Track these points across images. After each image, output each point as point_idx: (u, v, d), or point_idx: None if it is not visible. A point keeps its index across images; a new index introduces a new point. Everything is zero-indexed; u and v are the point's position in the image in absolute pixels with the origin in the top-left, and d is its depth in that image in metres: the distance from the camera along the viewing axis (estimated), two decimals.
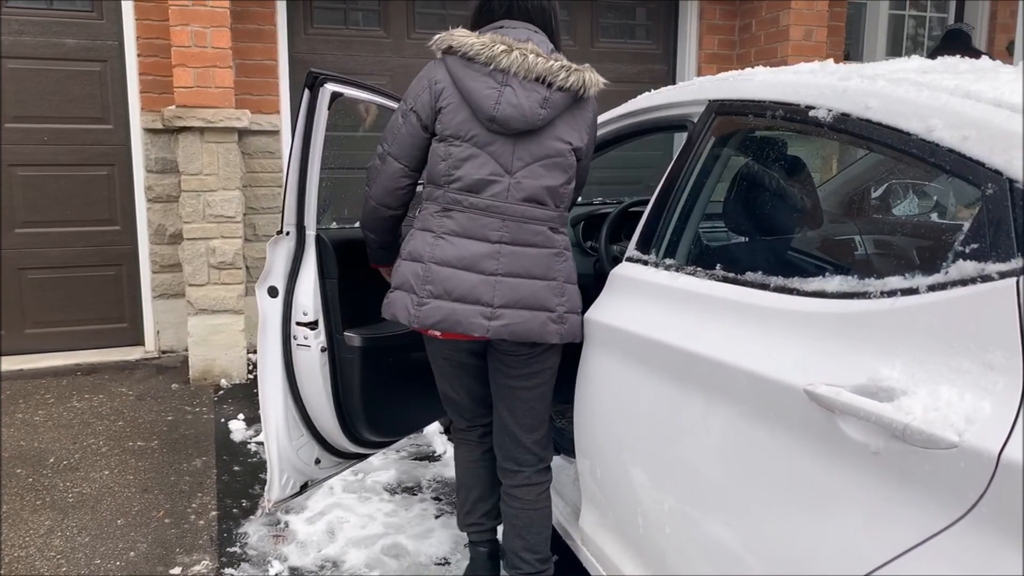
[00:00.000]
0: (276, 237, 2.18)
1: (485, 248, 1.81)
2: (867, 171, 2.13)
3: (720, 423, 1.44)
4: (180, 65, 4.09)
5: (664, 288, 1.73)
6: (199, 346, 4.31)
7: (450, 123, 1.82)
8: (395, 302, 1.87)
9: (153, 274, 4.72)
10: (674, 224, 1.86)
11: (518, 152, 1.83)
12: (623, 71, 5.47)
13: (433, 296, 1.81)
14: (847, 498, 1.16)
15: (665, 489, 1.61)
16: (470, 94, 1.80)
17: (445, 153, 1.83)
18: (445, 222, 1.83)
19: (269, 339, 2.20)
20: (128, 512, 2.82)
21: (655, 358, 1.65)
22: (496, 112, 1.78)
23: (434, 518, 2.81)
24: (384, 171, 1.91)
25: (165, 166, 4.59)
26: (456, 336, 1.89)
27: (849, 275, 1.31)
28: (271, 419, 2.22)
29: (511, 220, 1.82)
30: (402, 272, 1.87)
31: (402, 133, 1.88)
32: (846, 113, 1.43)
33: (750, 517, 1.36)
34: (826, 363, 1.25)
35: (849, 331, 1.24)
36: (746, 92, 1.74)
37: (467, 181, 1.82)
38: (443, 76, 1.84)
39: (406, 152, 1.88)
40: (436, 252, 1.82)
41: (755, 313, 1.44)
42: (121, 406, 3.92)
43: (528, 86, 1.80)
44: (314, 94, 2.06)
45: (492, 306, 1.80)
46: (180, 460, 3.28)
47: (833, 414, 1.18)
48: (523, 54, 1.79)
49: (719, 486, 1.44)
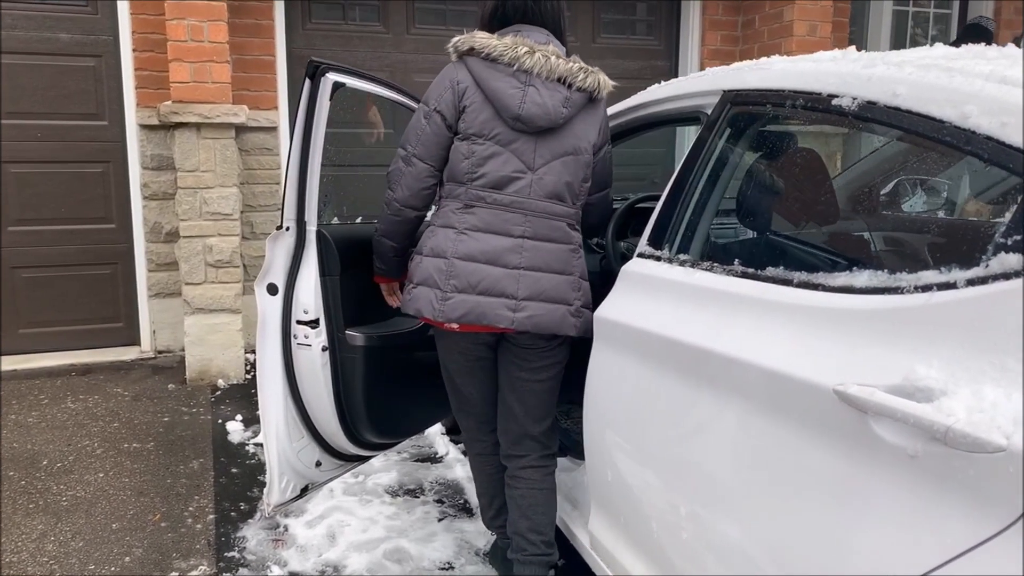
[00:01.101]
0: (276, 233, 2.11)
1: (508, 243, 1.87)
2: (889, 163, 2.07)
3: (741, 424, 1.38)
4: (176, 60, 4.02)
5: (679, 284, 1.67)
6: (196, 346, 4.24)
7: (474, 122, 1.88)
8: (419, 297, 1.90)
9: (149, 273, 4.65)
10: (688, 218, 1.80)
11: (539, 150, 1.90)
12: (625, 67, 5.40)
13: (457, 290, 1.86)
14: (881, 504, 1.10)
15: (682, 493, 1.55)
16: (495, 93, 1.86)
17: (468, 151, 1.88)
18: (467, 218, 1.88)
19: (268, 338, 2.13)
20: (123, 516, 2.75)
21: (671, 357, 1.59)
22: (522, 111, 1.85)
23: (437, 521, 2.75)
24: (410, 173, 1.93)
25: (161, 163, 4.52)
26: (476, 328, 1.93)
27: (878, 270, 1.25)
28: (270, 420, 2.16)
29: (533, 216, 1.89)
30: (425, 268, 1.90)
31: (427, 133, 1.91)
32: (872, 101, 1.37)
33: (773, 523, 1.30)
34: (856, 362, 1.19)
35: (880, 328, 1.18)
36: (764, 81, 1.68)
37: (491, 178, 1.88)
38: (465, 76, 1.90)
39: (432, 152, 1.91)
40: (459, 248, 1.87)
41: (777, 310, 1.38)
42: (116, 407, 3.85)
43: (550, 86, 1.88)
44: (315, 84, 2.00)
45: (516, 298, 1.86)
46: (177, 462, 3.21)
47: (866, 415, 1.12)
48: (545, 56, 1.88)
49: (739, 490, 1.38)
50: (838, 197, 1.85)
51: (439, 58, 4.97)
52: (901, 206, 2.13)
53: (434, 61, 4.98)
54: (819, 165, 1.76)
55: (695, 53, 5.52)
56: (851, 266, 1.32)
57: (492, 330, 1.92)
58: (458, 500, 2.92)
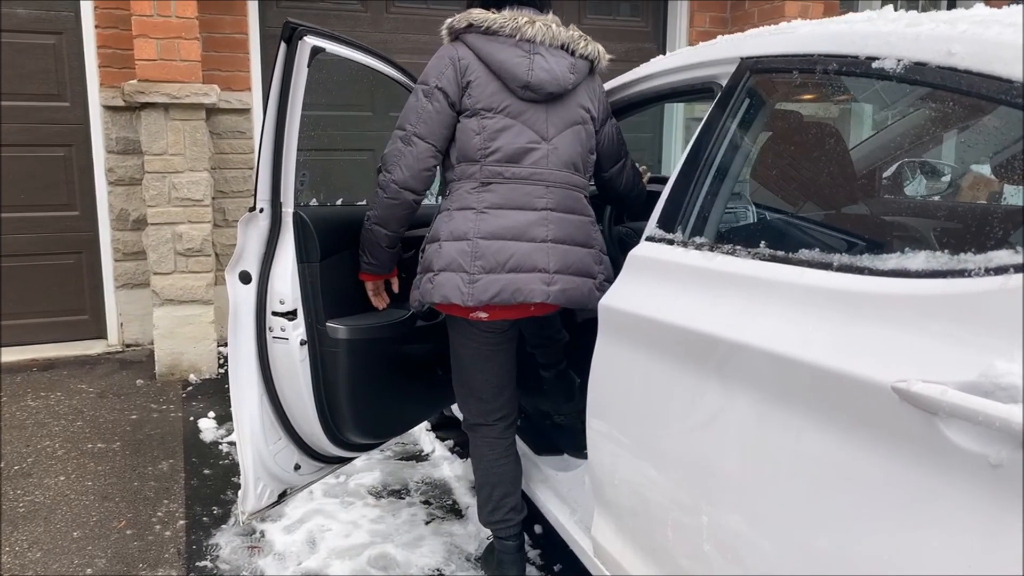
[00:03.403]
0: (248, 215, 1.92)
1: (532, 216, 1.83)
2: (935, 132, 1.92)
3: (778, 426, 1.23)
4: (142, 36, 3.79)
5: (698, 270, 1.52)
6: (166, 339, 4.03)
7: (480, 96, 1.84)
8: (444, 283, 1.82)
9: (115, 262, 4.43)
10: (703, 198, 1.64)
11: (551, 118, 1.87)
12: (611, 49, 5.13)
13: (485, 271, 1.80)
14: (955, 519, 0.95)
15: (706, 500, 1.40)
16: (501, 64, 1.83)
17: (479, 127, 1.83)
18: (486, 196, 1.83)
19: (241, 331, 1.95)
20: (86, 523, 2.56)
21: (692, 350, 1.44)
22: (531, 77, 1.83)
23: (424, 524, 2.59)
24: (410, 153, 1.85)
25: (127, 146, 4.29)
26: (504, 314, 1.89)
27: (936, 250, 1.10)
28: (245, 422, 1.97)
29: (555, 187, 1.86)
30: (446, 253, 1.82)
31: (428, 111, 1.84)
32: (921, 62, 1.22)
33: (813, 536, 1.15)
34: (915, 355, 1.04)
35: (944, 316, 1.03)
36: (789, 46, 1.53)
37: (506, 151, 1.83)
38: (466, 53, 1.86)
39: (434, 131, 1.85)
40: (482, 227, 1.81)
41: (816, 297, 1.23)
42: (80, 404, 3.63)
43: (555, 52, 1.88)
44: (291, 49, 1.81)
45: (549, 271, 1.82)
46: (145, 463, 3.02)
47: (935, 417, 0.97)
48: (546, 24, 1.88)
49: (774, 500, 1.23)
50: (877, 171, 1.70)
51: (419, 38, 4.84)
52: (957, 178, 1.96)
53: (415, 41, 4.79)
54: (859, 137, 1.61)
55: (683, 35, 5.38)
56: (902, 247, 1.17)
57: (520, 314, 1.90)
58: (446, 501, 2.76)
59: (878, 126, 1.69)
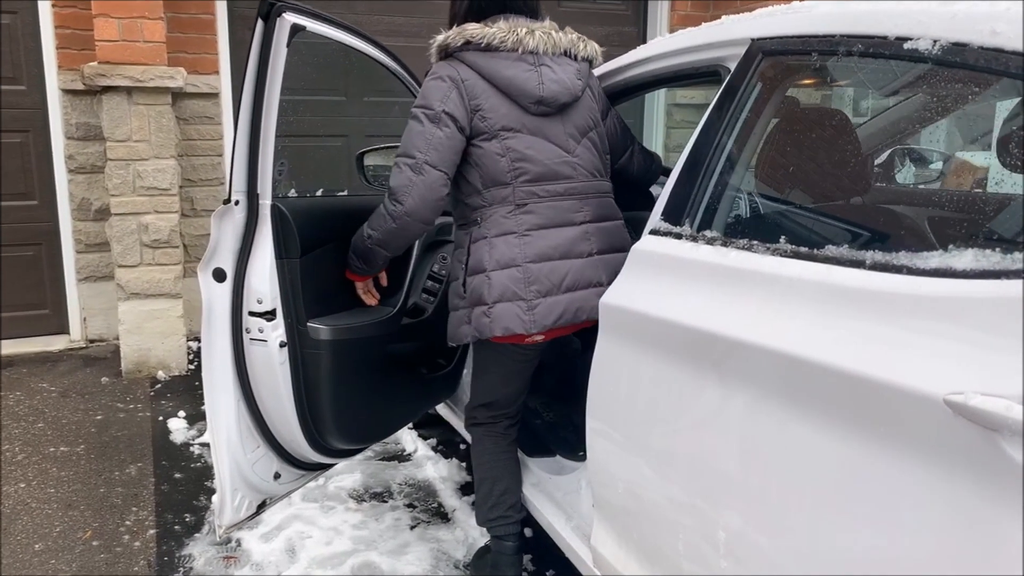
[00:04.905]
0: (222, 208, 1.78)
1: (574, 231, 1.80)
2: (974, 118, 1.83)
3: (809, 438, 1.13)
4: (102, 15, 3.59)
5: (710, 266, 1.41)
6: (132, 334, 3.86)
7: (496, 116, 1.76)
8: (503, 314, 1.76)
9: (77, 254, 4.24)
10: (712, 189, 1.54)
11: (568, 129, 1.83)
12: (591, 33, 5.02)
13: (541, 295, 1.75)
14: (1016, 549, 0.87)
15: (722, 515, 1.31)
16: (509, 81, 1.76)
17: (502, 149, 1.77)
18: (525, 218, 1.77)
19: (216, 333, 1.81)
20: (48, 534, 2.40)
21: (708, 352, 1.34)
22: (543, 91, 1.77)
23: (409, 529, 2.48)
24: (422, 182, 1.73)
25: (88, 132, 4.09)
26: (562, 332, 1.84)
27: (985, 248, 1.01)
28: (220, 429, 1.84)
29: (589, 197, 1.84)
30: (498, 283, 1.75)
31: (438, 138, 1.73)
32: (961, 42, 1.12)
33: (854, 559, 1.06)
34: (967, 365, 0.94)
35: (999, 321, 0.94)
36: (806, 27, 1.42)
37: (536, 170, 1.78)
38: (467, 72, 1.77)
39: (446, 158, 1.74)
40: (528, 251, 1.76)
41: (847, 298, 1.14)
42: (42, 405, 3.46)
43: (560, 61, 1.83)
44: (269, 26, 1.66)
45: (604, 284, 1.77)
46: (111, 467, 2.86)
47: (996, 434, 0.88)
48: (545, 31, 1.81)
49: (806, 518, 1.14)
50: (907, 161, 1.61)
51: (394, 19, 4.68)
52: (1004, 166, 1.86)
53: (389, 23, 4.64)
54: (887, 123, 1.52)
55: (664, 19, 5.29)
56: (944, 244, 1.08)
57: (575, 329, 1.86)
58: (431, 504, 2.65)
59: (908, 112, 1.60)
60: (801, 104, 1.56)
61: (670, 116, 5.36)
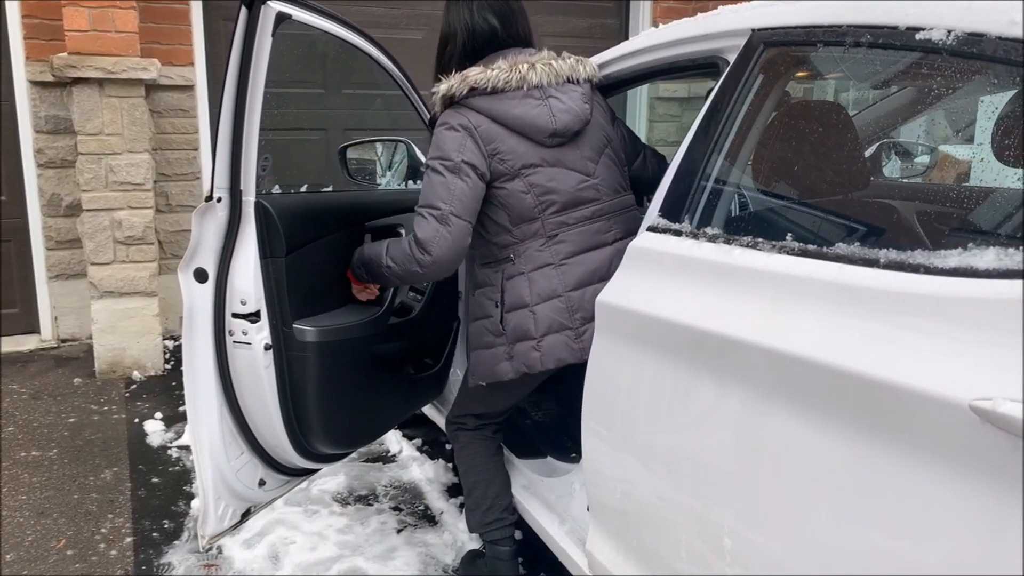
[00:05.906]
0: (203, 205, 1.70)
1: (608, 252, 1.81)
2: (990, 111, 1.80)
3: (819, 443, 1.09)
4: (71, 4, 3.48)
5: (712, 265, 1.37)
6: (106, 334, 3.76)
7: (514, 157, 1.77)
8: (554, 346, 1.78)
9: (48, 251, 4.12)
10: (713, 184, 1.50)
11: (584, 153, 1.84)
12: (573, 25, 5.08)
13: (587, 321, 1.75)
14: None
15: (727, 520, 1.26)
16: (522, 120, 1.76)
17: (526, 186, 1.78)
18: (559, 248, 1.80)
19: (198, 336, 1.73)
20: (20, 544, 2.32)
21: (711, 354, 1.29)
22: (556, 124, 1.78)
23: (395, 533, 2.42)
24: (449, 233, 1.74)
25: (58, 125, 3.97)
26: None
27: (1008, 247, 0.97)
28: (203, 436, 1.76)
29: (615, 215, 1.85)
30: (544, 316, 1.78)
31: (460, 188, 1.74)
32: (977, 33, 1.09)
33: (866, 567, 1.03)
34: (992, 369, 0.91)
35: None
36: (812, 16, 1.38)
37: (562, 200, 1.79)
38: (478, 119, 1.77)
39: (469, 207, 1.76)
40: (567, 280, 1.78)
41: (860, 298, 1.10)
42: (12, 407, 3.35)
43: (565, 89, 1.82)
44: (253, 14, 1.58)
45: None
46: (86, 472, 2.77)
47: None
48: (545, 63, 1.81)
49: (817, 525, 1.10)
50: (920, 156, 1.57)
51: (375, 10, 4.59)
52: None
53: (371, 14, 4.54)
54: (896, 116, 1.48)
55: (647, 11, 5.24)
56: (963, 243, 1.04)
57: None
58: (417, 506, 2.59)
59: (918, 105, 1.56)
60: (804, 97, 1.52)
61: (652, 110, 5.33)
